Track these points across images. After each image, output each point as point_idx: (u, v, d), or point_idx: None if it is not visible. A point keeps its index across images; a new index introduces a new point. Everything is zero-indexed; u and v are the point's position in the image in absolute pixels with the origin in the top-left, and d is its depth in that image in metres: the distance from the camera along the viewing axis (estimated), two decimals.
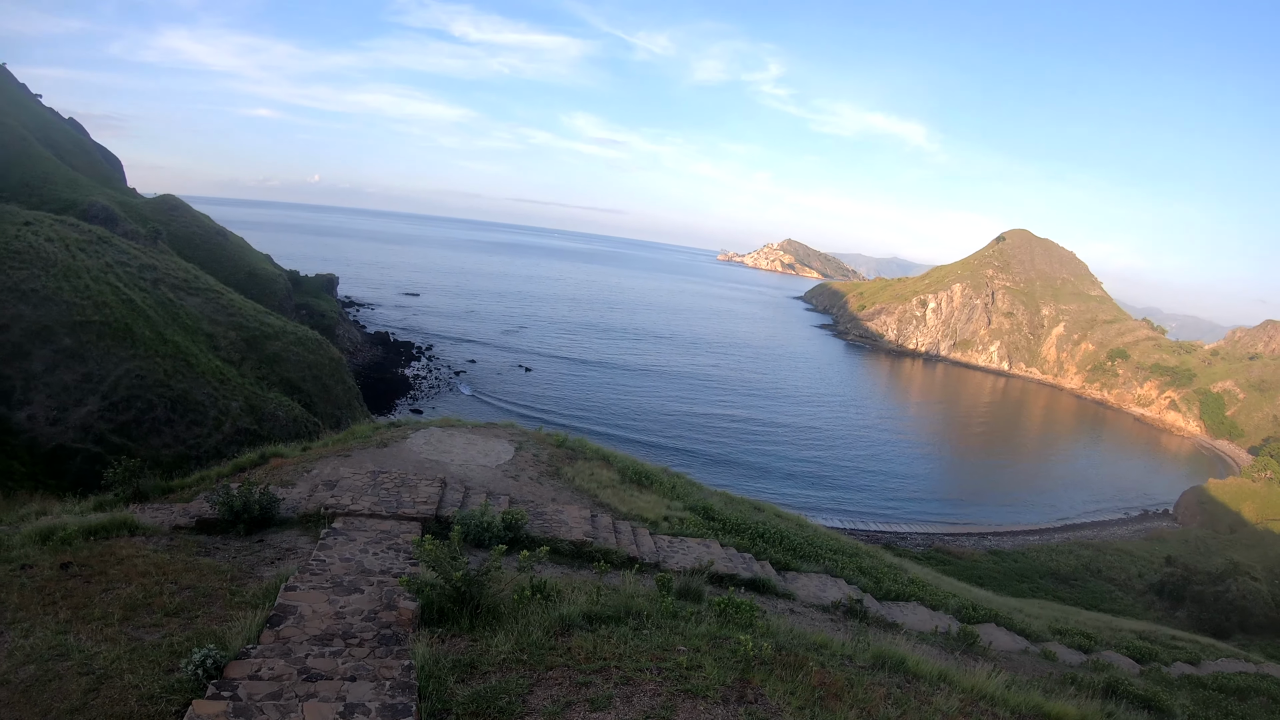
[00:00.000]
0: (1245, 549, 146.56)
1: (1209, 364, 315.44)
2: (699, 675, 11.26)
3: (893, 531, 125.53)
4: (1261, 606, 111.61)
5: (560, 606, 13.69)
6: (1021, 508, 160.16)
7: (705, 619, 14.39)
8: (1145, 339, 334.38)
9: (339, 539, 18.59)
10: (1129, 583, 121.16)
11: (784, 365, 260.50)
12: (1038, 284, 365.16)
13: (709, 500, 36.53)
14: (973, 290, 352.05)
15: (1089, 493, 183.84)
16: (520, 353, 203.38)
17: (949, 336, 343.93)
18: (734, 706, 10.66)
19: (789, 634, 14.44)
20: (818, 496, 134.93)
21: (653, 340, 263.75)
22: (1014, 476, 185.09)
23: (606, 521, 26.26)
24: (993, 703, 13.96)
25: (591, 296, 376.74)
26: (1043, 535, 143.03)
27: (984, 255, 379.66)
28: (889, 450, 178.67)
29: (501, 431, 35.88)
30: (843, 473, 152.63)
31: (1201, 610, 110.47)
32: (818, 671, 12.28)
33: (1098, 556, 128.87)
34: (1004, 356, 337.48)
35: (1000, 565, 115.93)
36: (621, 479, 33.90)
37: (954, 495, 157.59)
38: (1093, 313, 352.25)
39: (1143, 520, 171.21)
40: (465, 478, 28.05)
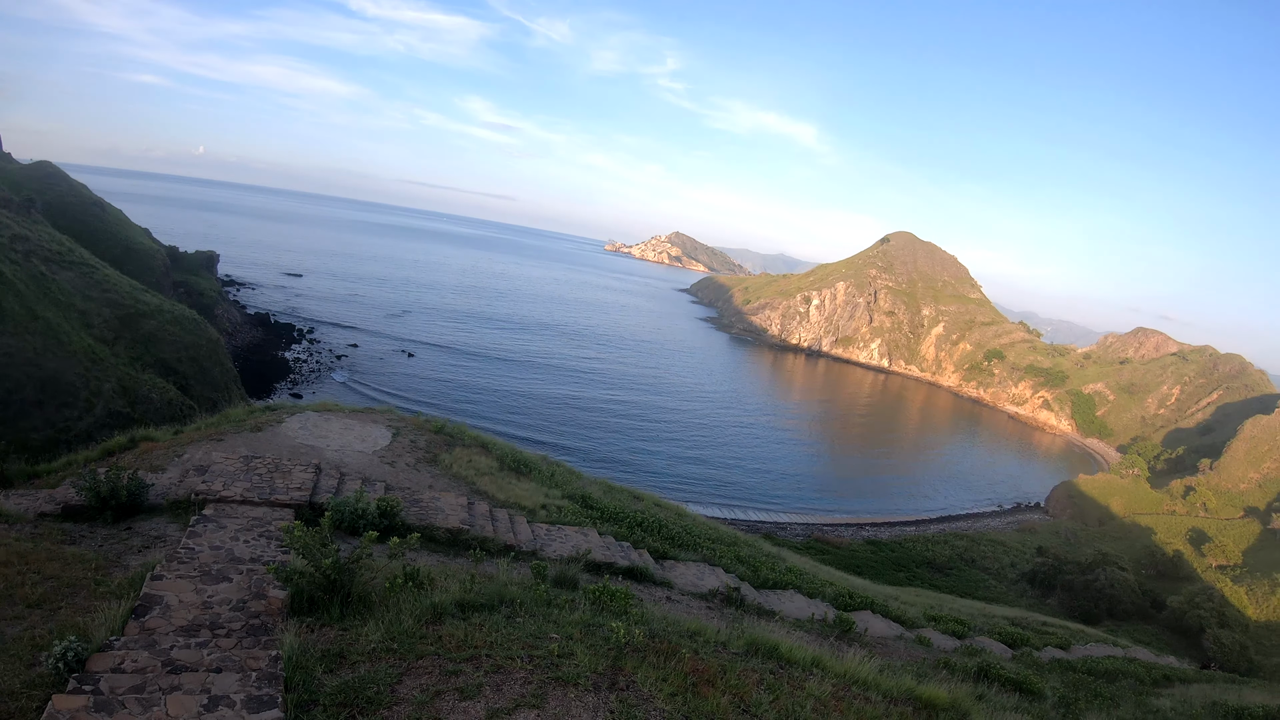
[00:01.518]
0: (1113, 541, 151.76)
1: (1081, 367, 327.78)
2: (570, 663, 11.26)
3: (773, 522, 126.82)
4: (1129, 594, 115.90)
5: (433, 595, 13.55)
6: (899, 500, 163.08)
7: (579, 607, 14.38)
8: (1021, 341, 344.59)
9: (209, 526, 18.18)
10: (1002, 572, 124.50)
11: (669, 358, 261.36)
12: (919, 285, 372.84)
13: (588, 489, 36.55)
14: (856, 289, 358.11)
15: (964, 486, 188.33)
16: (403, 340, 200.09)
17: (831, 333, 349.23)
18: (605, 694, 10.68)
19: (663, 621, 14.51)
20: (699, 487, 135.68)
21: (539, 331, 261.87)
22: (893, 470, 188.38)
23: (484, 509, 26.08)
24: (865, 687, 14.21)
25: (479, 284, 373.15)
26: (919, 526, 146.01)
27: (868, 255, 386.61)
28: (771, 442, 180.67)
29: (379, 417, 35.38)
30: (725, 464, 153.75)
31: (1072, 598, 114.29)
32: (691, 658, 12.37)
33: (972, 547, 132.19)
34: (885, 354, 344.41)
35: (878, 555, 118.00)
36: (500, 466, 33.67)
37: (834, 487, 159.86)
38: (971, 314, 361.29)
39: (1016, 513, 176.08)
40: (341, 463, 27.62)
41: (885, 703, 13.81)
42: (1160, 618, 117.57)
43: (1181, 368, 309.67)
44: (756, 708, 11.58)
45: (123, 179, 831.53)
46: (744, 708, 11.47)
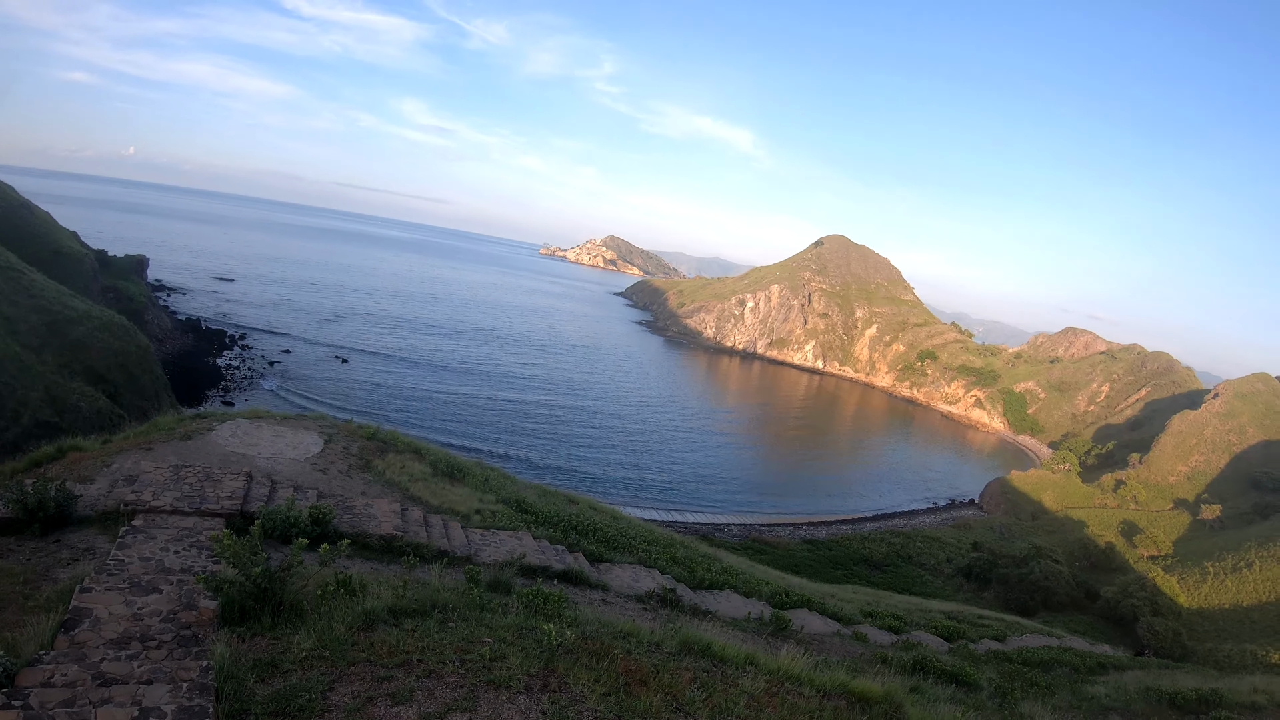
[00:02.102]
0: (1047, 534, 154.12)
1: (1013, 366, 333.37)
2: (503, 666, 11.33)
3: (711, 523, 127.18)
4: (1063, 586, 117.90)
5: (365, 602, 13.53)
6: (836, 499, 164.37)
7: (513, 610, 14.44)
8: (953, 341, 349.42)
9: (139, 537, 18.02)
10: (939, 567, 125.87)
11: (605, 362, 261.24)
12: (853, 287, 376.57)
13: (522, 493, 36.53)
14: (790, 291, 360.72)
15: (900, 484, 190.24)
16: (337, 346, 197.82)
17: (766, 335, 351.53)
18: (537, 695, 10.76)
19: (596, 623, 14.60)
20: (637, 490, 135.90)
21: (475, 336, 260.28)
22: (829, 469, 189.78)
23: (417, 515, 25.96)
24: (799, 683, 14.37)
25: (414, 289, 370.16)
26: (856, 524, 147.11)
27: (802, 258, 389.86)
28: (708, 445, 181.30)
29: (311, 424, 35.08)
30: (662, 467, 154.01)
31: (1008, 591, 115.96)
32: (623, 659, 12.48)
33: (908, 543, 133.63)
34: (819, 355, 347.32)
35: (816, 553, 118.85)
36: (434, 472, 33.54)
37: (771, 488, 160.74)
38: (904, 316, 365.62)
39: (951, 509, 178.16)
40: (272, 471, 27.39)
41: (819, 697, 13.97)
42: (1095, 608, 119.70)
43: (1110, 366, 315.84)
44: (690, 705, 11.71)
45: (51, 180, 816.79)
46: (677, 706, 11.59)
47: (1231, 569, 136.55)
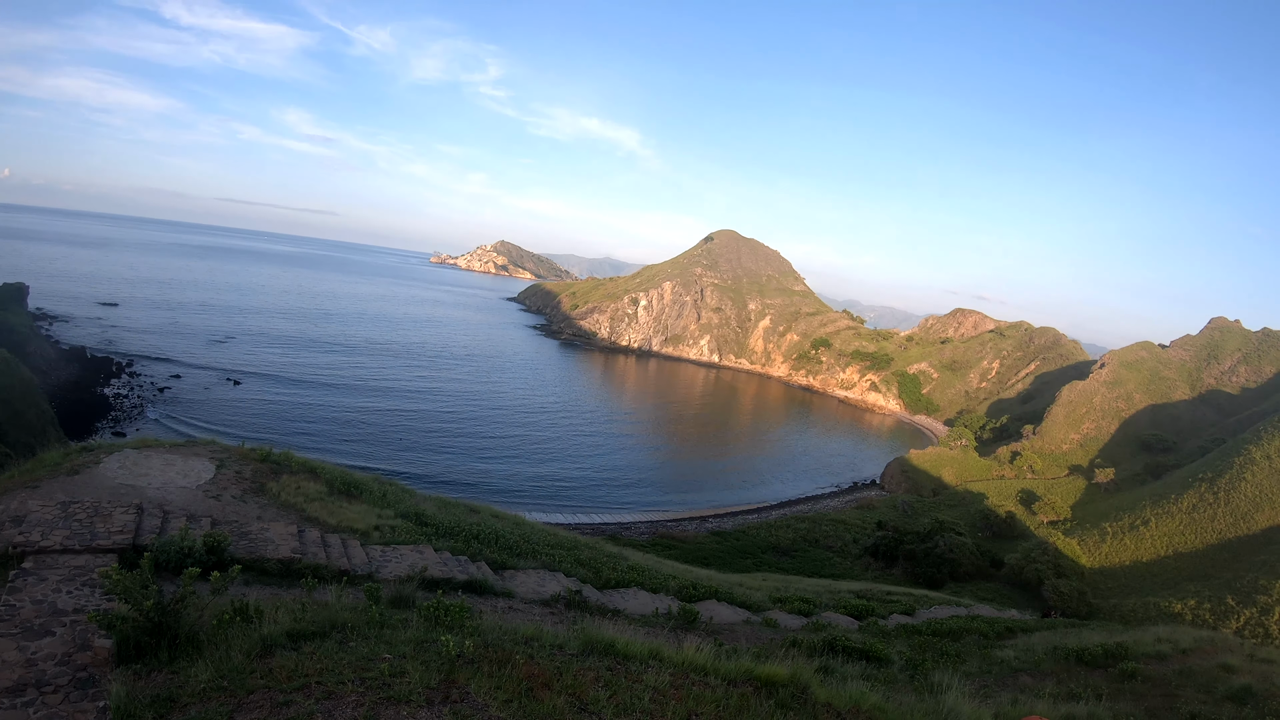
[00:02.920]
0: (948, 509, 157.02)
1: (905, 348, 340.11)
2: (403, 681, 11.32)
3: (617, 522, 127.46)
4: (968, 557, 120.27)
5: (262, 628, 13.38)
6: (741, 490, 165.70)
7: (413, 625, 14.43)
8: (846, 328, 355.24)
9: (29, 580, 17.62)
10: (846, 548, 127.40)
11: (502, 370, 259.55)
12: (744, 280, 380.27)
13: (422, 506, 36.21)
14: (683, 287, 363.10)
15: (802, 470, 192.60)
16: (228, 369, 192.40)
17: (661, 332, 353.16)
18: (438, 708, 10.77)
19: (498, 630, 14.60)
20: (541, 496, 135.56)
21: (369, 351, 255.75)
22: (732, 461, 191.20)
23: (315, 536, 25.63)
24: (704, 673, 14.47)
25: (304, 306, 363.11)
26: (761, 513, 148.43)
27: (693, 254, 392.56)
28: (610, 445, 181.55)
29: (202, 449, 34.31)
30: (565, 470, 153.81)
31: (915, 566, 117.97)
32: (525, 664, 12.53)
33: (814, 527, 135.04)
34: (714, 349, 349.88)
35: (723, 544, 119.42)
36: (330, 491, 33.07)
37: (676, 484, 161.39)
38: (797, 306, 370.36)
39: (853, 491, 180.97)
40: (164, 501, 26.75)
41: (725, 686, 14.07)
42: (1000, 575, 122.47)
43: (1000, 343, 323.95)
44: (594, 705, 11.79)
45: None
46: (581, 706, 11.67)
47: (1129, 528, 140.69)
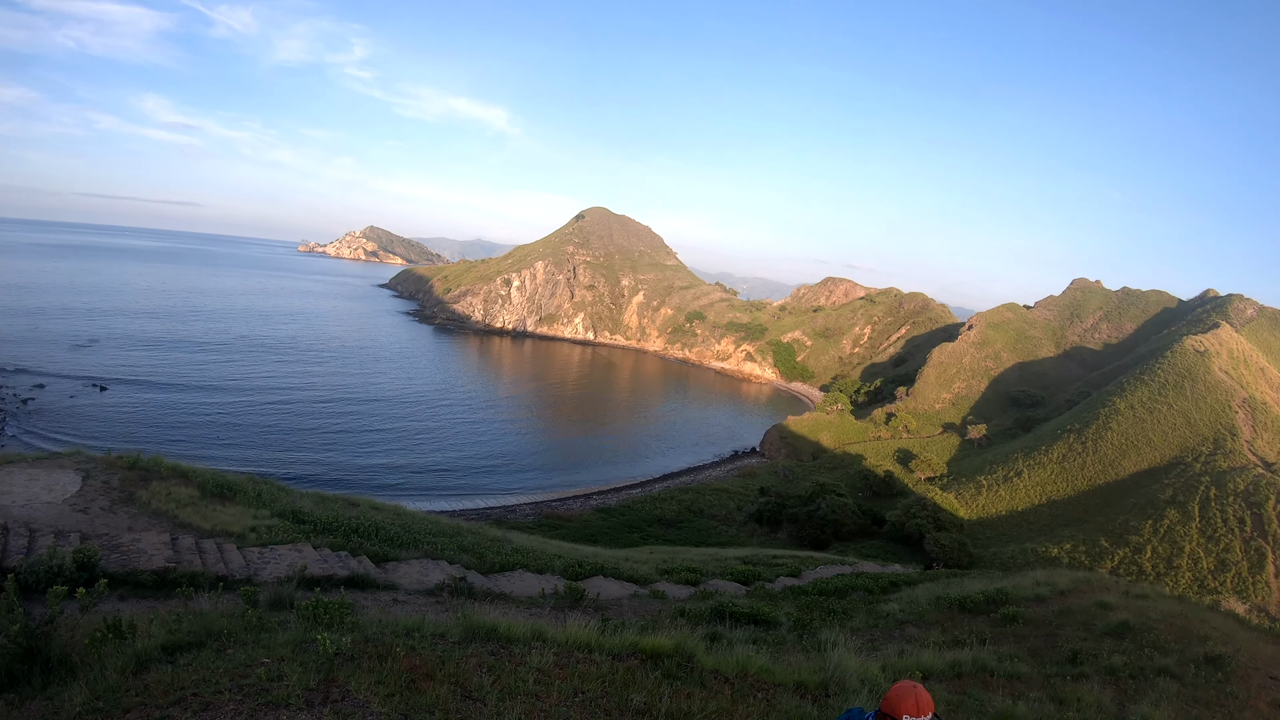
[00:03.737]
0: (829, 471, 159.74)
1: (778, 318, 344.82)
2: (281, 685, 11.03)
3: (502, 506, 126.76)
4: (850, 517, 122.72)
5: (137, 643, 12.98)
6: (623, 465, 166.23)
7: (292, 626, 14.12)
8: (720, 301, 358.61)
9: None
10: (730, 516, 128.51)
11: (377, 359, 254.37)
12: (617, 257, 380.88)
13: (299, 503, 35.53)
14: (555, 266, 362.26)
15: (683, 443, 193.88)
16: (94, 375, 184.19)
17: (535, 312, 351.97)
18: (318, 709, 10.52)
19: (378, 624, 14.34)
20: (424, 484, 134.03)
21: (240, 348, 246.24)
22: (613, 437, 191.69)
23: (189, 542, 24.90)
24: (589, 650, 14.44)
25: (170, 304, 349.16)
26: (645, 487, 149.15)
27: (564, 233, 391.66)
28: (490, 429, 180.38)
29: (66, 461, 33.08)
30: (447, 457, 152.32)
31: (799, 529, 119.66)
32: (407, 656, 12.32)
33: (698, 498, 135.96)
34: (589, 327, 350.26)
35: (609, 521, 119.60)
36: (203, 494, 32.21)
37: (559, 463, 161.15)
38: (670, 280, 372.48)
39: (734, 460, 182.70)
40: (30, 519, 25.73)
41: (610, 661, 14.12)
42: (883, 532, 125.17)
43: (870, 309, 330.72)
44: (478, 692, 11.67)
45: None
46: (465, 694, 11.53)
47: (1003, 480, 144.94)
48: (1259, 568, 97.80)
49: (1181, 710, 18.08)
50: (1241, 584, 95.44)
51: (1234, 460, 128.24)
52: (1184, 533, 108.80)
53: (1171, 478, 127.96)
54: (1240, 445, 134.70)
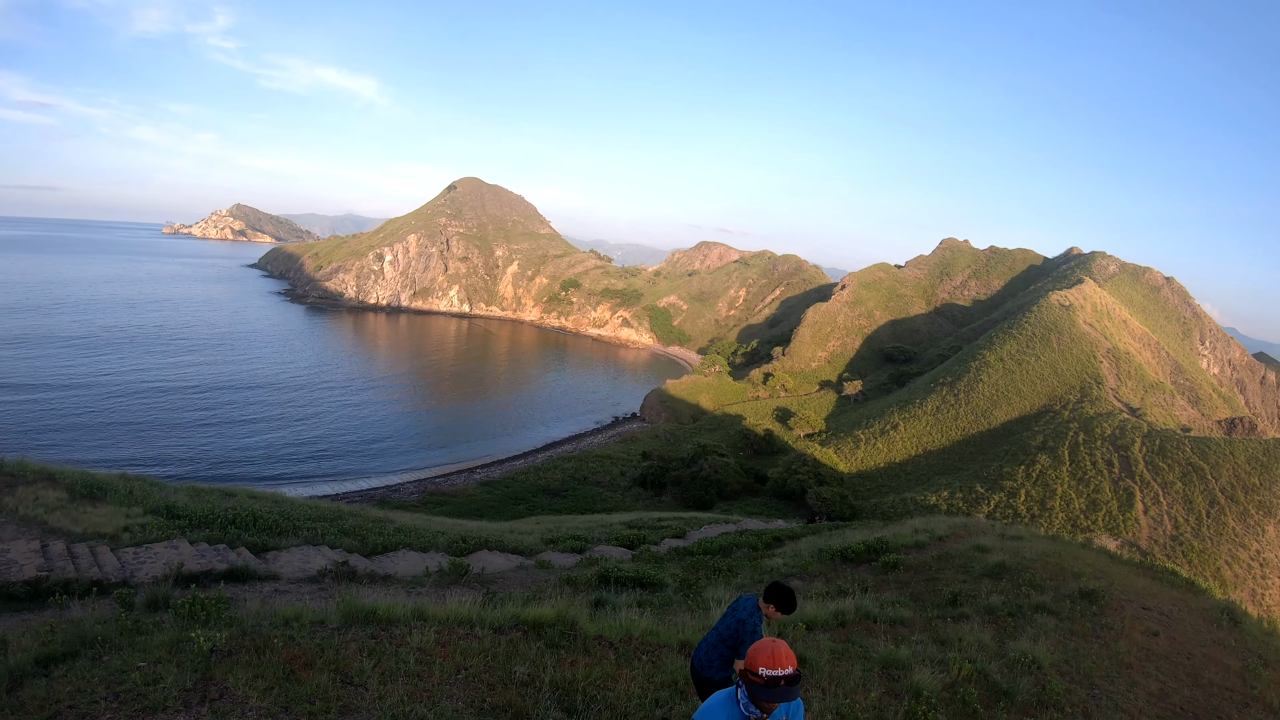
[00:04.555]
0: (709, 433, 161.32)
1: (654, 283, 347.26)
2: (158, 689, 10.75)
3: (386, 486, 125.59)
4: (733, 476, 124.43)
5: (9, 658, 12.53)
6: (506, 437, 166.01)
7: (168, 627, 13.79)
8: (594, 268, 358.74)
9: None
10: (615, 482, 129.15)
11: (250, 343, 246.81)
12: (490, 228, 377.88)
13: (173, 498, 34.63)
14: (428, 239, 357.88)
15: (564, 411, 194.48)
16: None
17: (409, 287, 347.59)
18: (196, 709, 10.28)
19: (256, 617, 14.06)
20: (304, 469, 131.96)
21: (107, 341, 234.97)
22: (494, 410, 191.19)
23: (61, 548, 24.02)
24: (470, 625, 14.43)
25: (30, 297, 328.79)
26: (529, 457, 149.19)
27: (436, 204, 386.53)
28: (370, 408, 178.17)
29: None
30: (326, 440, 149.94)
31: (683, 491, 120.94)
32: (285, 647, 12.12)
33: (582, 465, 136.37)
34: (464, 299, 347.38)
35: (494, 494, 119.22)
36: (71, 496, 31.09)
37: (441, 439, 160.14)
38: (544, 249, 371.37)
39: (616, 426, 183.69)
40: None
41: (493, 635, 14.14)
42: (766, 489, 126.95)
43: (745, 272, 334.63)
44: (359, 676, 11.57)
45: None
46: (346, 680, 11.42)
47: (880, 433, 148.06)
48: (1128, 506, 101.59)
49: (1059, 643, 18.65)
50: (1112, 522, 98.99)
51: (1100, 407, 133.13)
52: (1056, 476, 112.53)
53: (1041, 425, 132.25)
54: (1106, 393, 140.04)
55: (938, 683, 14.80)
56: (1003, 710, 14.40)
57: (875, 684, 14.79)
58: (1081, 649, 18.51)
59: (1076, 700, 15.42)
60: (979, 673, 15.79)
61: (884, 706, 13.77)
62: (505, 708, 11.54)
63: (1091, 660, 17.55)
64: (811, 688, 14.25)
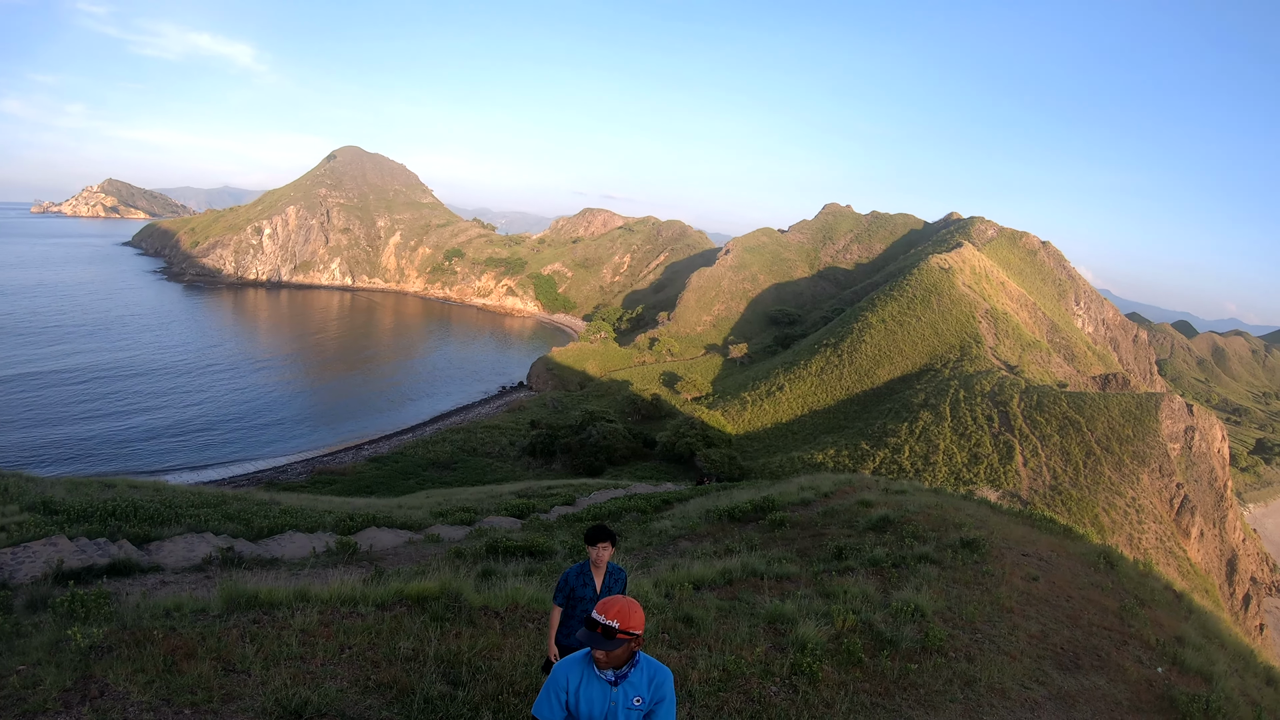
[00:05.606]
0: (597, 399, 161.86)
1: (538, 251, 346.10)
2: (37, 691, 10.48)
3: (273, 468, 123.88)
4: (622, 441, 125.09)
5: None
6: (393, 412, 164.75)
7: (47, 627, 13.47)
8: (478, 237, 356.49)
9: None
10: (504, 452, 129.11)
11: (127, 328, 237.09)
12: (371, 198, 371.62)
13: (49, 493, 33.56)
14: (308, 211, 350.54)
15: (451, 382, 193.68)
16: None
17: (289, 260, 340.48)
18: (77, 709, 10.06)
19: (136, 610, 13.77)
20: (188, 457, 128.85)
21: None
22: (380, 384, 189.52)
23: None
24: (354, 603, 14.34)
25: None
26: (416, 431, 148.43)
27: (316, 175, 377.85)
28: (254, 388, 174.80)
29: None
30: (211, 423, 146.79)
31: (573, 458, 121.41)
32: (166, 638, 11.92)
33: (470, 437, 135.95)
34: (346, 272, 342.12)
35: (383, 470, 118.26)
36: None
37: (328, 416, 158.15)
38: (426, 219, 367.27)
39: (503, 395, 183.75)
40: None
41: (377, 612, 14.10)
42: (655, 453, 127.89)
43: (629, 238, 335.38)
44: (242, 663, 11.43)
45: None
46: (228, 667, 11.28)
47: (766, 394, 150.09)
48: (1008, 458, 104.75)
49: (942, 591, 19.10)
50: (993, 474, 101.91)
51: (979, 365, 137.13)
52: (938, 432, 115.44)
53: (923, 383, 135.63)
54: (985, 351, 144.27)
55: (823, 635, 15.10)
56: (887, 658, 14.75)
57: (761, 639, 15.06)
58: (964, 596, 18.98)
59: (959, 645, 15.85)
60: (864, 623, 16.14)
61: (770, 660, 14.03)
62: (390, 684, 11.54)
63: (973, 606, 18.02)
64: (698, 645, 14.47)
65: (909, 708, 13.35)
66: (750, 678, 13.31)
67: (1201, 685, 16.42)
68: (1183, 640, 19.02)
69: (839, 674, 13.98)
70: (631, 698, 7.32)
